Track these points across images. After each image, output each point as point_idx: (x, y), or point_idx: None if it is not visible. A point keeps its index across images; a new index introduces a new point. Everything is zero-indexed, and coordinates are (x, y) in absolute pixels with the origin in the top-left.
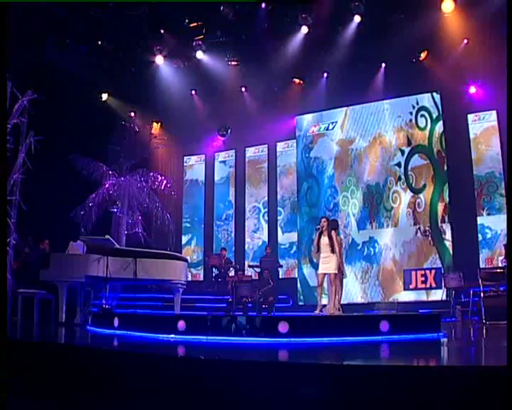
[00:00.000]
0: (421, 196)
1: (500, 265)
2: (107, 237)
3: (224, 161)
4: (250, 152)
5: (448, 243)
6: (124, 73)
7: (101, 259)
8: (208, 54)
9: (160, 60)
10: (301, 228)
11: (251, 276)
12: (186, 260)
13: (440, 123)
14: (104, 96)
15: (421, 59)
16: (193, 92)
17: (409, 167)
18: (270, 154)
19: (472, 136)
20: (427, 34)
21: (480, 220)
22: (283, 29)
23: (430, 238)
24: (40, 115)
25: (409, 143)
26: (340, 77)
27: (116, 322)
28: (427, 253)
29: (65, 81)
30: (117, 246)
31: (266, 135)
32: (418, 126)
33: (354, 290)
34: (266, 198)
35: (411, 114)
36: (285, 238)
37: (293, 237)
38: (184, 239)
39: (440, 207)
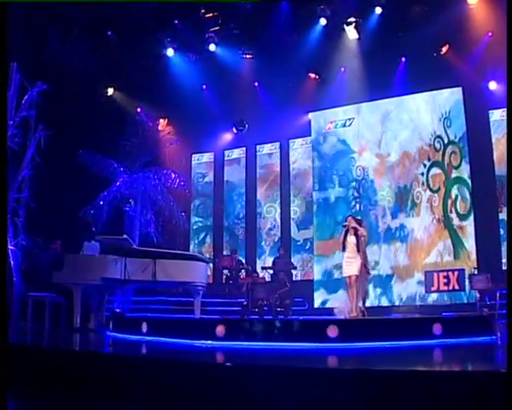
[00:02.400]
0: (436, 195)
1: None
2: (125, 236)
3: (237, 159)
4: (262, 150)
5: (455, 226)
6: (132, 66)
7: (118, 260)
8: (222, 47)
9: (170, 52)
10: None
11: (264, 278)
12: (207, 261)
13: (450, 147)
14: (110, 91)
15: (442, 53)
16: (204, 87)
17: (429, 175)
18: (282, 151)
19: (494, 133)
20: (450, 27)
21: (501, 216)
22: (301, 21)
23: (442, 224)
24: (47, 110)
25: (429, 159)
26: (358, 71)
27: (145, 327)
28: (440, 234)
29: (72, 75)
30: (135, 246)
31: (279, 132)
32: (435, 148)
33: (388, 263)
34: (279, 197)
35: (430, 140)
36: (300, 235)
37: (308, 233)
38: (198, 238)
39: (449, 202)
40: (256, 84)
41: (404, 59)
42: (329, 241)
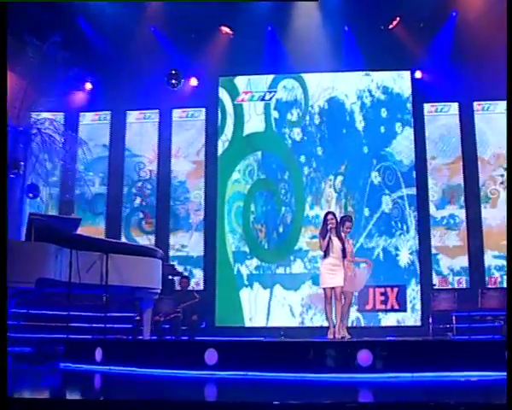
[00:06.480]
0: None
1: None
2: (74, 215)
3: (93, 126)
4: (132, 117)
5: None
6: None
7: (59, 252)
8: None
9: None
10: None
11: None
12: (162, 257)
13: None
14: None
15: (390, 27)
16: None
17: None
18: (163, 122)
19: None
20: None
21: None
22: None
23: None
24: None
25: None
26: (289, 33)
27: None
28: None
29: None
30: (79, 232)
31: (164, 97)
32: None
33: None
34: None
35: None
36: None
37: None
38: None
39: None
40: (152, 28)
41: (346, 28)
42: None
